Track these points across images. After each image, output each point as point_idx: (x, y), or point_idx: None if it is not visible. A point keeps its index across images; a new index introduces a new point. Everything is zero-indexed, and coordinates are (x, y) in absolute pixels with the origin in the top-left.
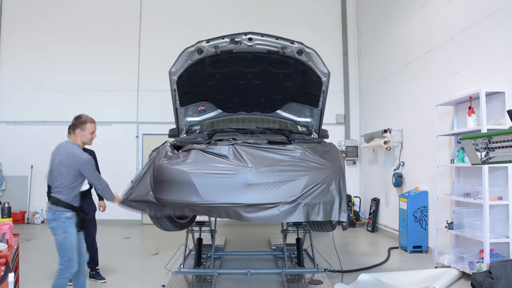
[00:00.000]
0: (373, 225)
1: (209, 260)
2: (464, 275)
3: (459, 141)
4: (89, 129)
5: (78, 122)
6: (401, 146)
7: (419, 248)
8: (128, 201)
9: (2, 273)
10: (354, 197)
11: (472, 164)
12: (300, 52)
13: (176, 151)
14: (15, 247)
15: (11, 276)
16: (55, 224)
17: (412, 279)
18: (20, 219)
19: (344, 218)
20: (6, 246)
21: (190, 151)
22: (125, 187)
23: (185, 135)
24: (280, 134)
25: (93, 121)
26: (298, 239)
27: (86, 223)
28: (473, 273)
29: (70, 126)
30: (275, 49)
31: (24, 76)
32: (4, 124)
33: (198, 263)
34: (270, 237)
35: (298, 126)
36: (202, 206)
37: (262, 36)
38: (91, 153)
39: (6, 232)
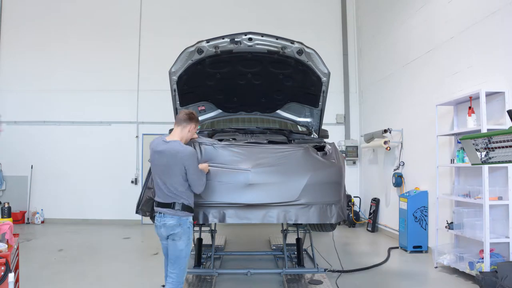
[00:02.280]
0: (373, 225)
1: (209, 260)
2: (463, 275)
3: (459, 141)
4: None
5: (196, 120)
6: (401, 146)
7: (419, 248)
8: (140, 209)
9: (2, 273)
10: (354, 197)
11: (472, 164)
12: (300, 52)
13: None
14: (15, 247)
15: (11, 276)
16: (181, 230)
17: None
18: (20, 219)
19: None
20: (6, 246)
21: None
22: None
23: None
24: (280, 134)
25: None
26: (298, 239)
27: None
28: (480, 272)
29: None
30: (275, 49)
31: (24, 76)
32: (4, 124)
33: (198, 263)
34: (270, 237)
35: (298, 126)
36: (202, 206)
37: (262, 36)
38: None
39: (6, 232)
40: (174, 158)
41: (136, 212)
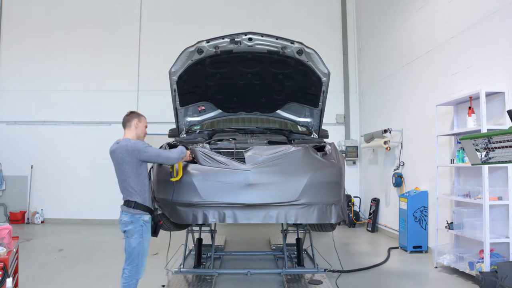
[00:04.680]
0: (373, 225)
1: (209, 260)
2: (463, 275)
3: (459, 141)
4: (145, 121)
5: (135, 114)
6: (401, 146)
7: (419, 248)
8: None
9: (0, 278)
10: (354, 197)
11: (472, 164)
12: (300, 52)
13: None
14: (14, 250)
15: (9, 282)
16: (132, 227)
17: None
18: (20, 219)
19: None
20: (5, 250)
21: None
22: None
23: (185, 135)
24: (280, 134)
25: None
26: (298, 239)
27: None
28: (479, 272)
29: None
30: (275, 49)
31: (24, 76)
32: (4, 124)
33: (198, 263)
34: (270, 237)
35: (298, 126)
36: (202, 205)
37: (262, 36)
38: None
39: (5, 237)
40: (126, 154)
41: None
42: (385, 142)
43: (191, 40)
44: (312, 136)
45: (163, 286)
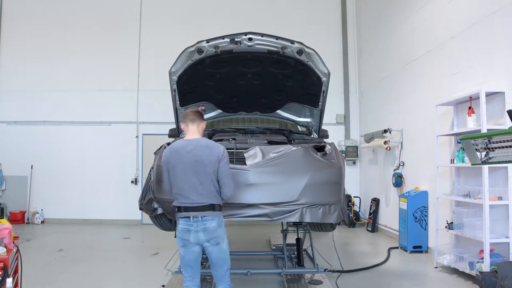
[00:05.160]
0: (373, 225)
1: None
2: (463, 275)
3: (459, 141)
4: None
5: (199, 114)
6: (401, 146)
7: (419, 248)
8: (143, 207)
9: (0, 278)
10: (354, 197)
11: (472, 164)
12: (300, 52)
13: None
14: (14, 250)
15: (9, 282)
16: (221, 232)
17: None
18: (20, 219)
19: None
20: (5, 250)
21: None
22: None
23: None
24: (280, 134)
25: None
26: (298, 239)
27: None
28: (479, 272)
29: (191, 119)
30: (275, 49)
31: (24, 76)
32: (4, 124)
33: None
34: (270, 237)
35: (298, 126)
36: None
37: (262, 36)
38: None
39: (5, 237)
40: (210, 153)
41: (140, 208)
42: (385, 142)
43: (191, 40)
44: (312, 136)
45: (163, 286)
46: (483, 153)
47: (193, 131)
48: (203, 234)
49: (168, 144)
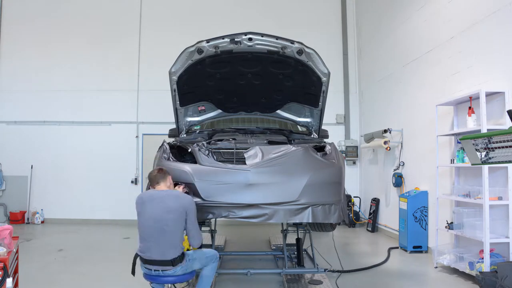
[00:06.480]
0: (373, 225)
1: None
2: (463, 275)
3: (459, 141)
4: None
5: (164, 172)
6: (401, 146)
7: (419, 248)
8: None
9: (0, 278)
10: (354, 197)
11: (472, 164)
12: (300, 52)
13: (173, 151)
14: (14, 250)
15: (9, 282)
16: (190, 264)
17: None
18: (20, 219)
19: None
20: (5, 250)
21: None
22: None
23: (185, 135)
24: (280, 134)
25: None
26: (298, 239)
27: None
28: (479, 272)
29: (158, 178)
30: (275, 49)
31: (24, 76)
32: (4, 124)
33: None
34: (270, 237)
35: (298, 126)
36: (202, 206)
37: (262, 36)
38: None
39: (6, 237)
40: (176, 202)
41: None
42: (385, 142)
43: (191, 40)
44: (312, 136)
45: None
46: (483, 153)
47: (162, 188)
48: (169, 278)
49: (168, 144)
